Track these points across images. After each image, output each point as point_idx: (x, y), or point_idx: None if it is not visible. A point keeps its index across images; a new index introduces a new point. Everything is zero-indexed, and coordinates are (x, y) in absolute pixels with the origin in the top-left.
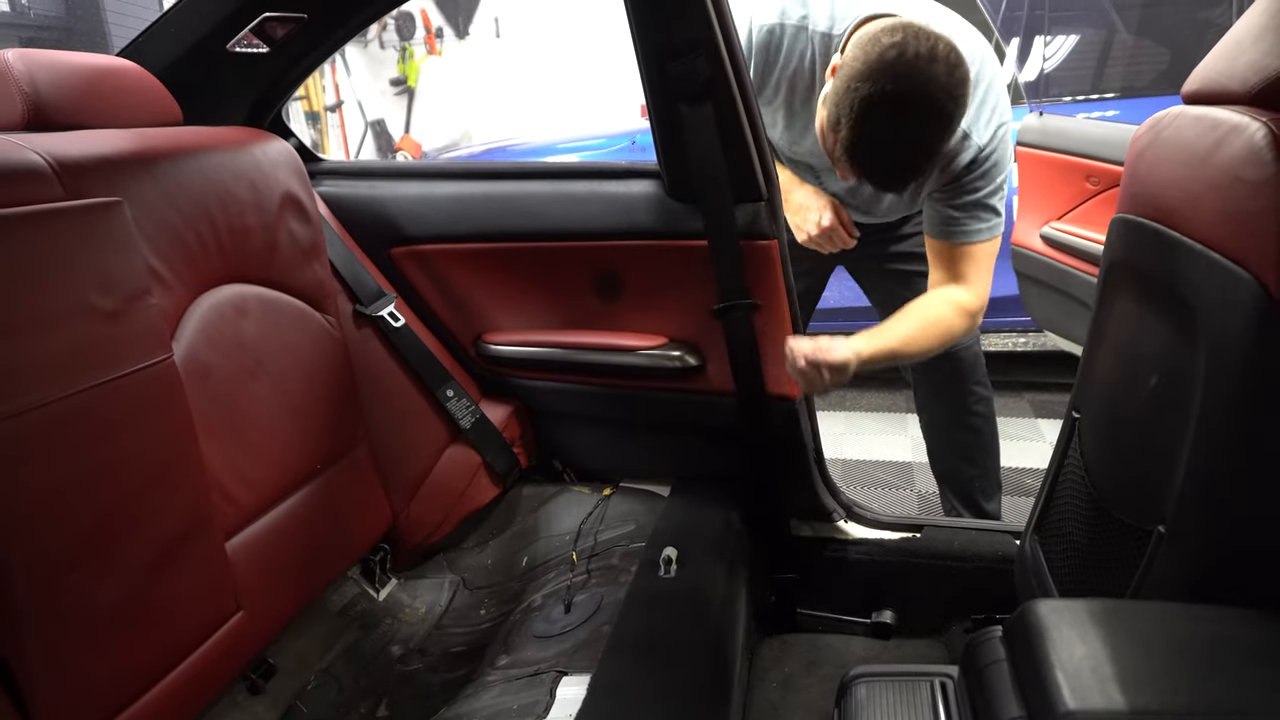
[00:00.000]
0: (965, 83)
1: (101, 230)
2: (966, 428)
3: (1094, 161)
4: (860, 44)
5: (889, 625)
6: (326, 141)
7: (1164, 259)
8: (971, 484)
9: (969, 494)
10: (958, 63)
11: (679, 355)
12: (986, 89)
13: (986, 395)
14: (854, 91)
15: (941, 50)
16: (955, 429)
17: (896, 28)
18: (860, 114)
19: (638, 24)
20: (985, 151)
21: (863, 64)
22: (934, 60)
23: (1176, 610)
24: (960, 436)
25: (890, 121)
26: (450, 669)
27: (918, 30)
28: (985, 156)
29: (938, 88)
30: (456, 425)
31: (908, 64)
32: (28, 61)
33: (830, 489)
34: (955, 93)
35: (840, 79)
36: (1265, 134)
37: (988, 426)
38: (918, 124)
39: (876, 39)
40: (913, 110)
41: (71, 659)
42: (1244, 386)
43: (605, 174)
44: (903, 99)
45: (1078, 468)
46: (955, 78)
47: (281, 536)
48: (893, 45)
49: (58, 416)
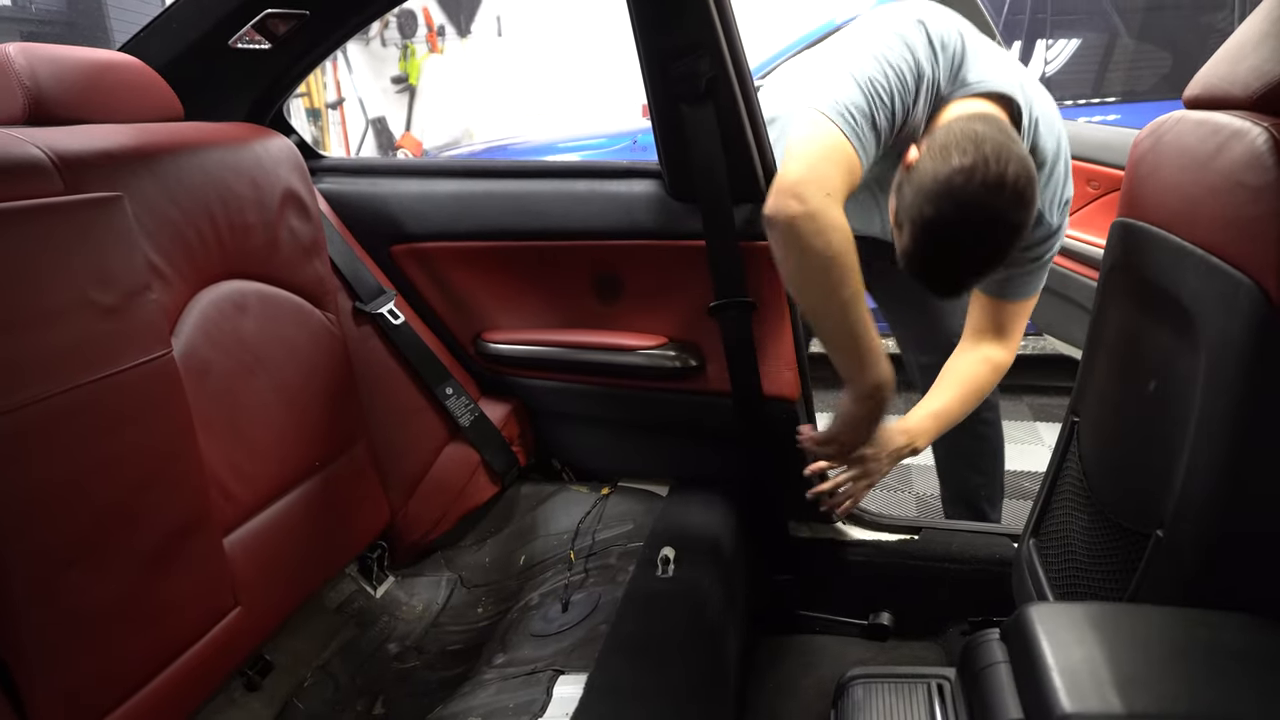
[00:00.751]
0: (1032, 205)
1: (102, 225)
2: (974, 435)
3: (1095, 165)
4: (934, 151)
5: (886, 627)
6: (327, 139)
7: (1164, 263)
8: (978, 491)
9: (974, 502)
10: (1027, 184)
11: (678, 355)
12: (1064, 168)
13: (994, 403)
14: (919, 209)
15: (1010, 175)
16: (963, 436)
17: (968, 143)
18: (921, 234)
19: (640, 24)
20: (1055, 227)
21: (930, 181)
22: (1001, 188)
23: (1174, 614)
24: (968, 444)
25: (949, 248)
26: (447, 667)
27: (991, 150)
28: (1055, 232)
29: (1001, 218)
30: (455, 423)
31: (973, 194)
32: (29, 56)
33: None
34: (1019, 220)
35: (910, 184)
36: (1266, 139)
37: (995, 434)
38: (976, 250)
39: (949, 152)
40: (972, 239)
41: (68, 655)
42: (1244, 391)
43: (606, 173)
44: (963, 228)
45: (1076, 471)
46: (1022, 203)
47: (279, 533)
48: (961, 170)
49: (56, 412)
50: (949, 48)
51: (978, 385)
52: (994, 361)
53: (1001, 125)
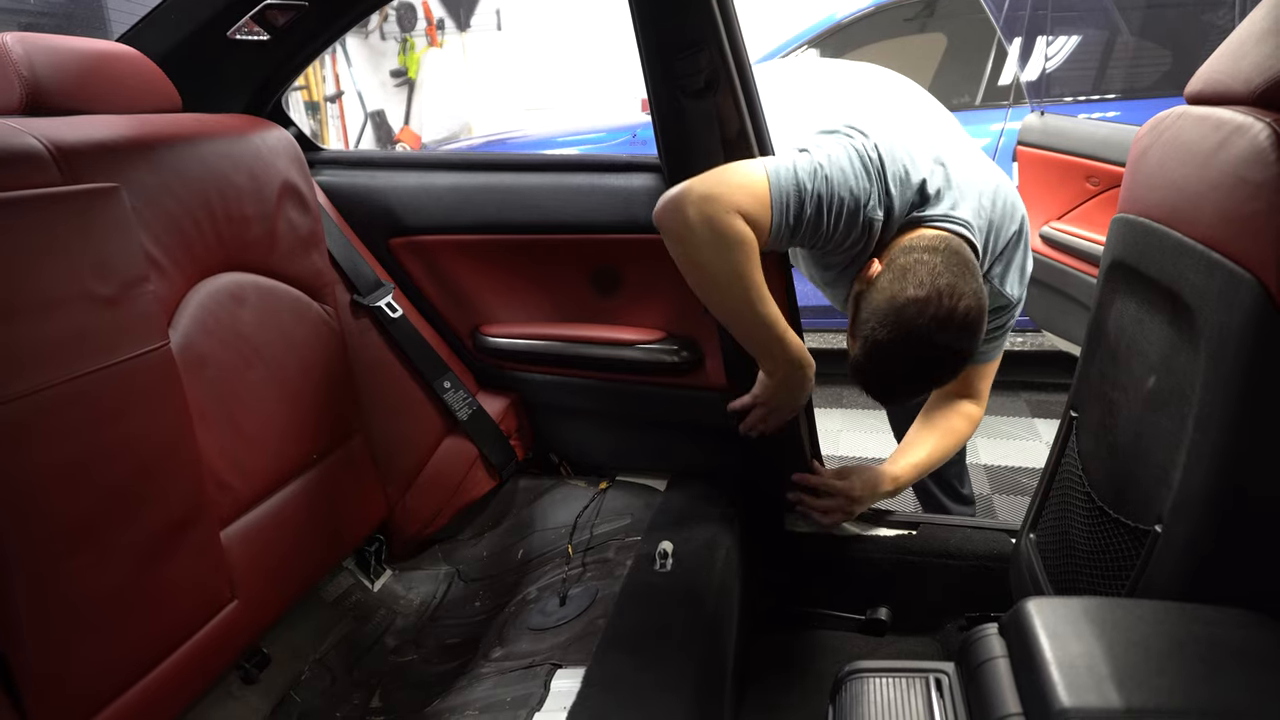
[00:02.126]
0: (979, 333)
1: (99, 216)
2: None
3: (1094, 162)
4: (894, 275)
5: (883, 622)
6: (326, 132)
7: (1165, 259)
8: (948, 469)
9: (945, 479)
10: (977, 318)
11: (676, 350)
12: (1024, 246)
13: None
14: (870, 327)
15: (960, 311)
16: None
17: (925, 275)
18: (870, 352)
19: (641, 18)
20: (1016, 300)
21: (885, 305)
22: (950, 323)
23: (1172, 610)
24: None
25: (891, 370)
26: (444, 661)
27: (945, 285)
28: (1015, 304)
29: (946, 349)
30: (453, 417)
31: (923, 326)
32: (27, 45)
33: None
34: (965, 348)
35: (867, 301)
36: (1269, 134)
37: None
38: (917, 374)
39: (905, 281)
40: (914, 365)
41: (65, 646)
42: (1243, 386)
43: (605, 167)
44: (908, 354)
45: (1075, 467)
46: (970, 334)
47: (276, 526)
48: (915, 301)
49: (53, 402)
50: (909, 183)
51: (957, 437)
52: (969, 415)
53: (961, 257)
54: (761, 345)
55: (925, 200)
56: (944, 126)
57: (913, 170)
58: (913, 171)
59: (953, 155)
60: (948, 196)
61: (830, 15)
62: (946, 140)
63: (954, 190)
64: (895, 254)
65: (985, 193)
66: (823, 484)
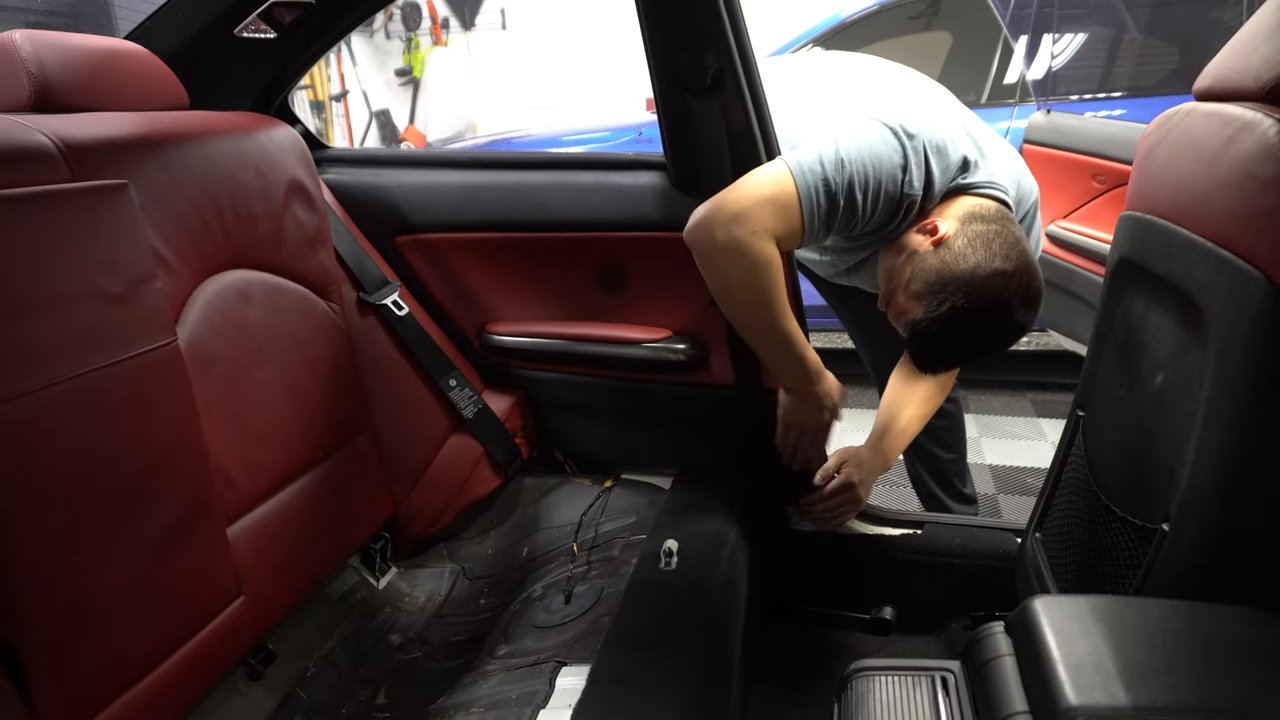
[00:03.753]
0: (1038, 308)
1: (107, 213)
2: (939, 413)
3: (1101, 160)
4: (974, 242)
5: (888, 621)
6: (331, 131)
7: (1172, 256)
8: (949, 468)
9: (947, 478)
10: (1040, 296)
11: (682, 348)
12: (1038, 221)
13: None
14: (948, 294)
15: (1036, 289)
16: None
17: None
18: (944, 318)
19: (647, 16)
20: None
21: (969, 273)
22: (1029, 299)
23: (1179, 608)
24: (933, 421)
25: (965, 339)
26: (449, 658)
27: (1029, 262)
28: None
29: (1017, 326)
30: (459, 415)
31: (1006, 300)
32: (35, 43)
33: None
34: (1030, 323)
35: (939, 262)
36: (1278, 131)
37: (959, 411)
38: (984, 345)
39: (989, 250)
40: (988, 336)
41: (73, 642)
42: (1252, 384)
43: (611, 165)
44: (986, 327)
45: (1081, 466)
46: (1035, 312)
47: (283, 523)
48: (1001, 274)
49: (61, 399)
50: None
51: (934, 403)
52: (942, 382)
53: (1020, 231)
54: (782, 361)
55: (966, 168)
56: (964, 109)
57: (949, 140)
58: (949, 141)
59: (978, 128)
60: (984, 166)
61: (835, 14)
62: (967, 114)
63: (988, 160)
64: (964, 219)
65: (1011, 164)
66: (829, 491)
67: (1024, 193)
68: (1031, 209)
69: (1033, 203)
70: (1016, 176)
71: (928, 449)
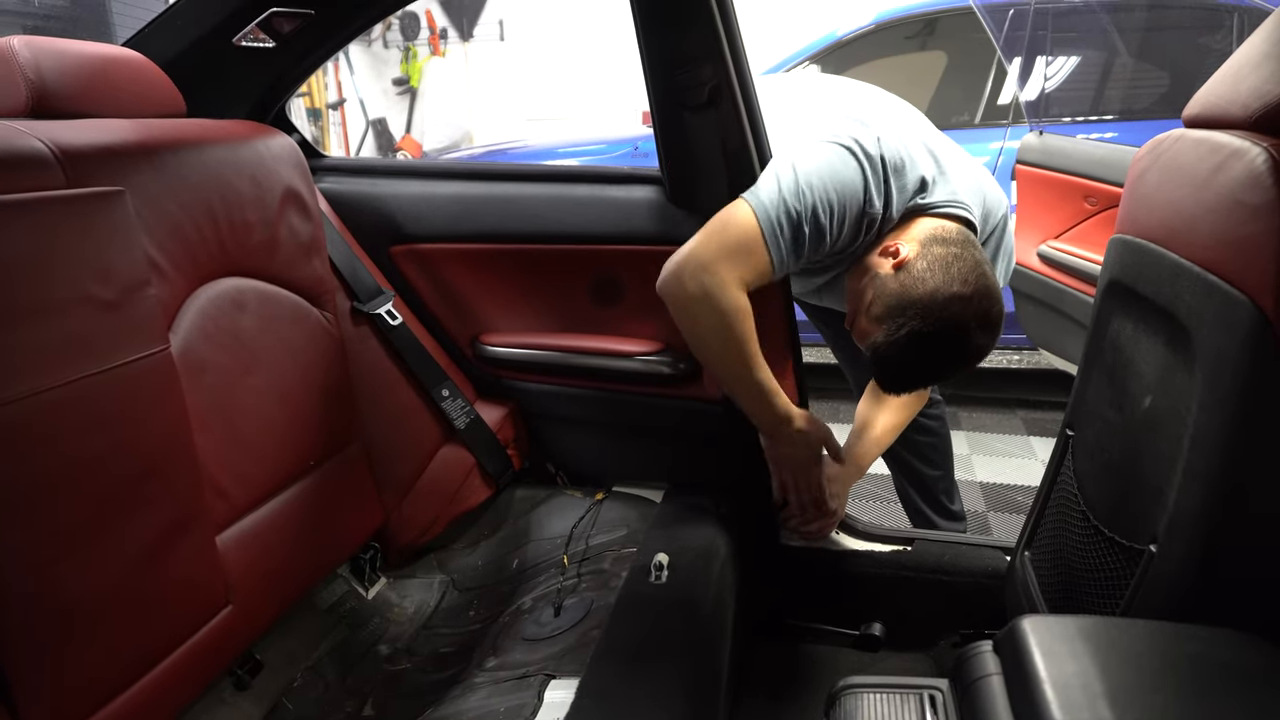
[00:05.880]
0: (998, 331)
1: (103, 219)
2: (924, 430)
3: (1093, 181)
4: (929, 266)
5: (878, 638)
6: (327, 139)
7: (1162, 280)
8: (935, 485)
9: (934, 495)
10: (1000, 319)
11: (674, 361)
12: (1009, 235)
13: (938, 398)
14: (906, 318)
15: (995, 314)
16: (913, 431)
17: (970, 272)
18: (904, 341)
19: (644, 31)
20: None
21: (929, 296)
22: (987, 323)
23: (1167, 629)
24: (918, 438)
25: (925, 363)
26: (438, 669)
27: (988, 286)
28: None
29: (977, 346)
30: (451, 426)
31: (964, 323)
32: (33, 49)
33: None
34: (990, 345)
35: (899, 289)
36: (1265, 159)
37: (944, 428)
38: (949, 367)
39: (947, 274)
40: (948, 359)
41: (58, 650)
42: (1239, 408)
43: (606, 178)
44: (945, 349)
45: (1070, 485)
46: (995, 335)
47: (272, 532)
48: (959, 299)
49: (52, 405)
50: (905, 171)
51: (909, 411)
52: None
53: (982, 254)
54: (754, 407)
55: (924, 188)
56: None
57: (907, 158)
58: (907, 159)
59: (941, 146)
60: (943, 183)
61: (831, 32)
62: (933, 134)
63: (948, 178)
64: (925, 242)
65: (975, 180)
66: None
67: (991, 207)
68: (1000, 222)
69: (1001, 216)
70: (981, 191)
71: (914, 466)
